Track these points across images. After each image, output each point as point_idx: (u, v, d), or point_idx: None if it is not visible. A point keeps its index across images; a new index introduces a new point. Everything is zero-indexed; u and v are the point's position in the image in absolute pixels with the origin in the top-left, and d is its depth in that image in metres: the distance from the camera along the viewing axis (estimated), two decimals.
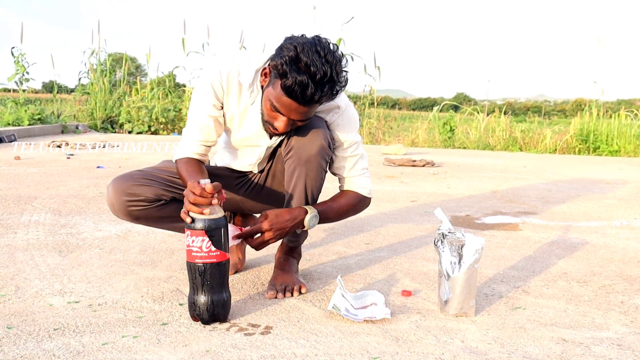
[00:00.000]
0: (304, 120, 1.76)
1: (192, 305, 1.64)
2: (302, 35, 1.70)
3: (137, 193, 1.85)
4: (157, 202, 1.89)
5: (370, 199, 2.04)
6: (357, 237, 2.80)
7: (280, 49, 1.67)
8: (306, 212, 1.84)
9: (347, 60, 1.70)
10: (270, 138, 1.90)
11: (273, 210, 1.82)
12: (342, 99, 1.91)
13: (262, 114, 1.79)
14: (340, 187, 2.03)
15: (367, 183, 2.00)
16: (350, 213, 2.01)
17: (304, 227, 1.85)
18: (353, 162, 1.97)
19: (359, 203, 2.01)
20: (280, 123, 1.73)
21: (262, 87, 1.80)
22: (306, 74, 1.61)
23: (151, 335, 1.55)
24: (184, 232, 2.18)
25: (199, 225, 1.58)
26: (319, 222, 1.90)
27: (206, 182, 1.58)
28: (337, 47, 1.69)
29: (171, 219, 1.94)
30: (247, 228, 1.80)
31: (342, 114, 1.90)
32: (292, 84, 1.61)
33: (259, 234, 1.81)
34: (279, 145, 1.96)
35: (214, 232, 1.59)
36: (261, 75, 1.79)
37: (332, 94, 1.68)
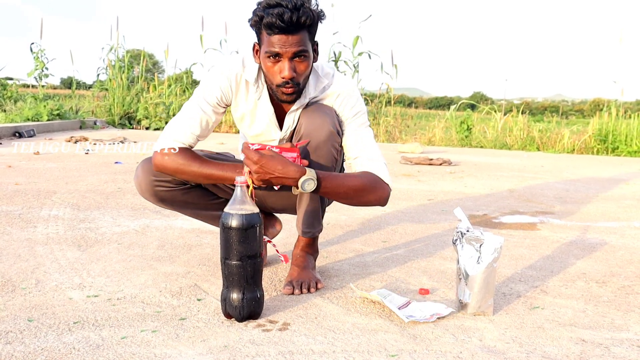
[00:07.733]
0: (302, 54, 1.75)
1: (228, 302, 1.62)
2: None
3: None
4: (182, 186, 1.96)
5: (389, 187, 1.89)
6: (374, 234, 2.80)
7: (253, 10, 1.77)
8: (304, 173, 1.72)
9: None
10: (282, 109, 1.94)
11: (273, 151, 1.72)
12: (339, 83, 1.93)
13: (270, 83, 1.82)
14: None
15: (385, 171, 1.89)
16: (363, 195, 1.84)
17: (297, 187, 1.74)
18: (360, 136, 1.93)
19: (376, 185, 1.85)
20: (284, 70, 1.75)
21: (258, 64, 1.85)
22: (278, 6, 1.69)
23: (169, 330, 1.56)
24: (207, 221, 2.21)
25: (234, 222, 1.58)
26: (321, 193, 1.79)
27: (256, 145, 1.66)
28: None
29: (195, 205, 2.04)
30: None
31: (344, 97, 1.93)
32: (271, 17, 1.69)
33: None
34: (291, 139, 1.99)
35: (250, 230, 1.59)
36: (253, 52, 1.84)
37: (312, 15, 1.73)
